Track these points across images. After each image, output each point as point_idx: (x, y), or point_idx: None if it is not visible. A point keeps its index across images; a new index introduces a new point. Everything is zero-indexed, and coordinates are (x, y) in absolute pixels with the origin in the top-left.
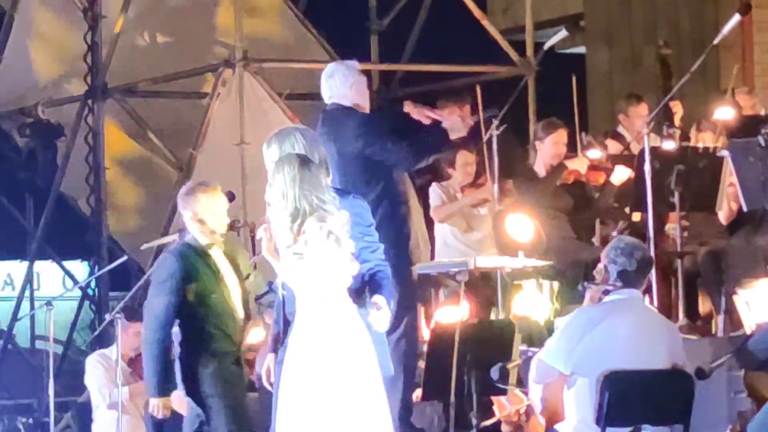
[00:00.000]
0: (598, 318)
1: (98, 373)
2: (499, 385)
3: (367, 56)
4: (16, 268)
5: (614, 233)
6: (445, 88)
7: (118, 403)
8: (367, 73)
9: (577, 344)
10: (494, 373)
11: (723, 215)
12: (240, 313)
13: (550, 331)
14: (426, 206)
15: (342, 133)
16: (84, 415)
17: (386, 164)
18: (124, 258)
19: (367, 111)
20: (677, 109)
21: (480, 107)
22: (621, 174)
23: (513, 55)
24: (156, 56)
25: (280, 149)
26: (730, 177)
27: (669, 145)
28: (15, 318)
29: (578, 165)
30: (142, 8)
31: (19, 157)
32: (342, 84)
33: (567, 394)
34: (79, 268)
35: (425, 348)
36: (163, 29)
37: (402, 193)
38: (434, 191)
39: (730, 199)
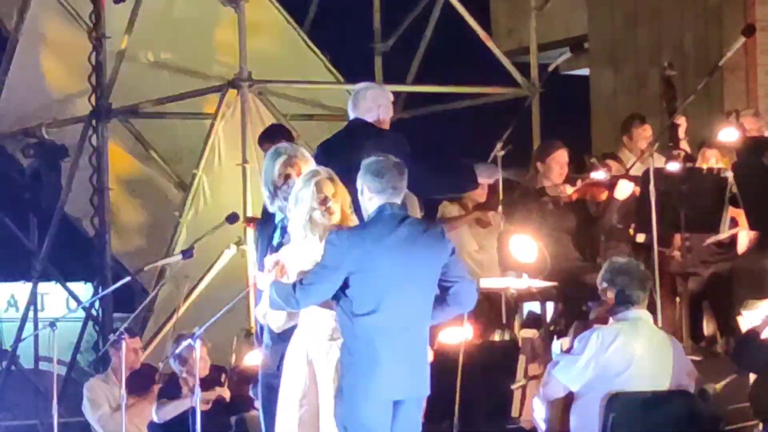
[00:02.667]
0: (611, 338)
1: (95, 401)
2: None
3: (371, 77)
4: (20, 289)
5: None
6: (449, 109)
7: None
8: None
9: (590, 363)
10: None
11: (742, 245)
12: None
13: (554, 353)
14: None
15: (363, 147)
16: None
17: None
18: (128, 279)
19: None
20: (681, 121)
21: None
22: (624, 189)
23: (517, 76)
24: (160, 77)
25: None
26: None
27: (673, 167)
28: (19, 339)
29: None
30: (146, 29)
31: (23, 178)
32: (372, 102)
33: (573, 413)
34: (83, 289)
35: None
36: (167, 50)
37: None
38: (445, 205)
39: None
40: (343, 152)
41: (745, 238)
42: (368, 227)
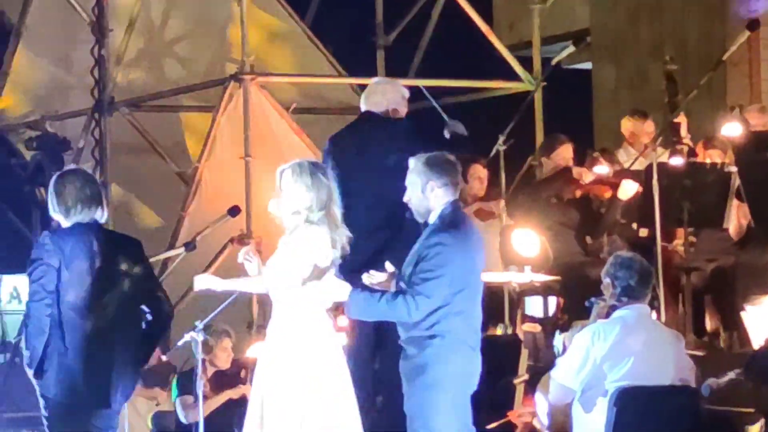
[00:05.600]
0: (608, 334)
1: None
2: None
3: (373, 71)
4: (23, 281)
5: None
6: (451, 103)
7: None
8: None
9: (588, 360)
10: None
11: (733, 231)
12: None
13: (556, 346)
14: None
15: (372, 138)
16: None
17: None
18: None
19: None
20: (681, 119)
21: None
22: (628, 188)
23: (519, 70)
24: (162, 70)
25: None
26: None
27: (677, 161)
28: (22, 331)
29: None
30: (149, 22)
31: (25, 171)
32: (382, 95)
33: (575, 409)
34: None
35: None
36: (170, 43)
37: None
38: None
39: (739, 216)
40: (352, 144)
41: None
42: (456, 225)
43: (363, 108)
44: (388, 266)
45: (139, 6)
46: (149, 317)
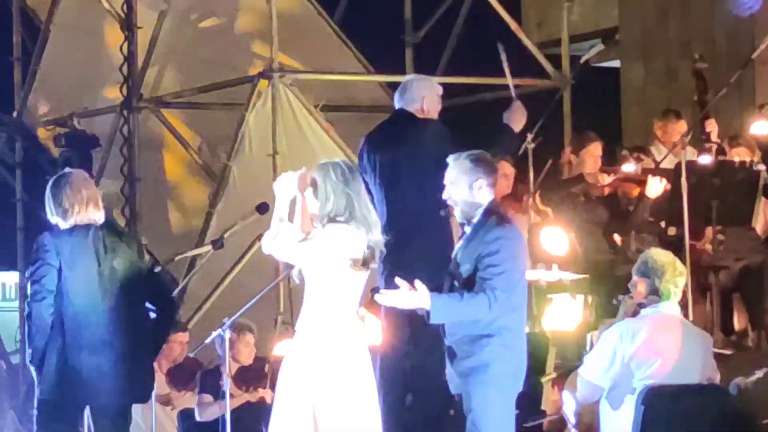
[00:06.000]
0: (636, 332)
1: None
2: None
3: (401, 68)
4: None
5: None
6: (480, 100)
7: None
8: None
9: (615, 358)
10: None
11: (761, 230)
12: None
13: (584, 345)
14: None
15: (403, 138)
16: None
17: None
18: (158, 269)
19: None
20: (711, 127)
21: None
22: (655, 186)
23: (548, 68)
24: (191, 67)
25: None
26: None
27: (705, 160)
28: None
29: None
30: (178, 19)
31: (54, 168)
32: (417, 92)
33: (603, 407)
34: None
35: None
36: (199, 40)
37: None
38: None
39: (767, 213)
40: (385, 143)
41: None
42: (510, 221)
43: (397, 105)
44: (399, 282)
45: (169, 2)
46: (154, 314)
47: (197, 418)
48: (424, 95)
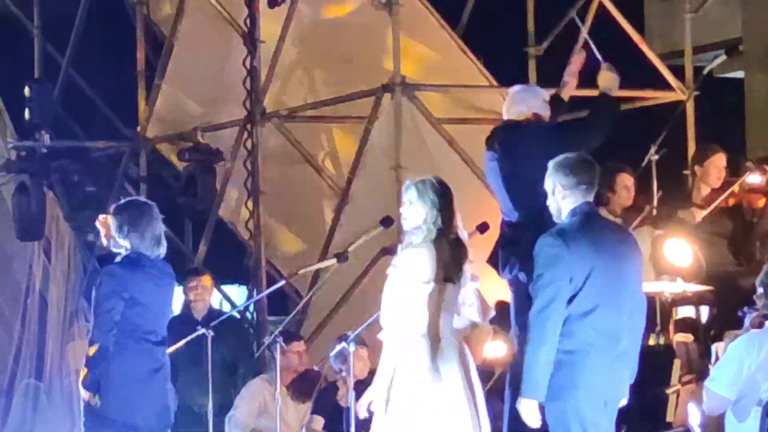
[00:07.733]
0: (763, 344)
1: (243, 398)
2: None
3: (525, 80)
4: (176, 292)
5: None
6: None
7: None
8: None
9: (742, 370)
10: None
11: None
12: None
13: (709, 357)
14: None
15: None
16: None
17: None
18: (282, 282)
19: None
20: None
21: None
22: None
23: (671, 79)
24: (314, 81)
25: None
26: None
27: None
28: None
29: None
30: (300, 33)
31: (178, 182)
32: (522, 102)
33: (728, 418)
34: (237, 292)
35: None
36: (322, 54)
37: None
38: None
39: None
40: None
41: None
42: (580, 228)
43: (505, 117)
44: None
45: (291, 17)
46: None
47: None
48: (529, 104)
